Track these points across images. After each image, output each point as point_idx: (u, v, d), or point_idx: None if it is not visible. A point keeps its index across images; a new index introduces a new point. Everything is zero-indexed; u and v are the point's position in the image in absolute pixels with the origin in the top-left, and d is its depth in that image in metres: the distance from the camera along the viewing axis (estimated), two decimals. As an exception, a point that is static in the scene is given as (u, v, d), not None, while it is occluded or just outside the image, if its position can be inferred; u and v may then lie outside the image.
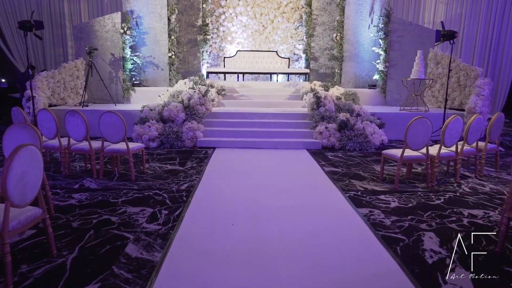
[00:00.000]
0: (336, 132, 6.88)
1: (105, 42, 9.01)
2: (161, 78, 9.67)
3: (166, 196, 4.05)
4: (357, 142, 6.67)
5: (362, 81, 9.80)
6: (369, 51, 9.62)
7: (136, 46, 9.41)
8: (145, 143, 6.73)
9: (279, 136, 7.05)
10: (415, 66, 7.93)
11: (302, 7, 10.38)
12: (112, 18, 8.95)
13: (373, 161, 5.87)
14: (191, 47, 10.05)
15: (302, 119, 7.51)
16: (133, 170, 4.63)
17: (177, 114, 7.06)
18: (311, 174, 5.09)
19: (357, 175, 5.02)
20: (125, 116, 7.80)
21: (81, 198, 3.94)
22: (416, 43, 9.02)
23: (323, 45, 10.07)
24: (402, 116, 7.84)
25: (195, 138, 6.85)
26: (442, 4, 11.49)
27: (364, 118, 7.19)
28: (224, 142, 6.83)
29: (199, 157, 6.02)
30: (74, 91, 8.74)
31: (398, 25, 8.98)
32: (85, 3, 11.52)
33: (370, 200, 3.98)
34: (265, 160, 5.87)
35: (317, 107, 7.44)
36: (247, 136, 7.02)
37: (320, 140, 6.87)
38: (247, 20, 10.53)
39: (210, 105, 7.59)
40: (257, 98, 8.80)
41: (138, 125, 6.95)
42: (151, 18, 9.34)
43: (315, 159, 6.01)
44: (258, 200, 3.97)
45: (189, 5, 9.81)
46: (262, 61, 10.45)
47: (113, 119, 4.39)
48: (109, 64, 9.08)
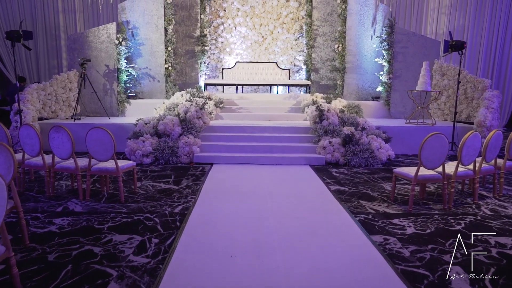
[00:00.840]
0: (340, 147, 6.53)
1: (100, 53, 8.72)
2: (158, 90, 9.36)
3: (157, 221, 3.66)
4: (363, 158, 6.31)
5: (365, 93, 9.51)
6: (371, 62, 9.35)
7: (132, 57, 9.12)
8: (138, 159, 6.36)
9: (280, 151, 6.69)
10: (421, 78, 7.63)
11: (302, 18, 10.16)
12: (107, 28, 8.67)
13: (381, 179, 5.50)
14: (189, 58, 9.77)
15: (304, 133, 7.17)
16: (122, 191, 4.24)
17: (172, 128, 6.71)
18: (316, 194, 4.71)
19: (365, 195, 4.64)
20: (119, 130, 7.50)
21: (63, 224, 3.55)
22: (420, 54, 8.76)
23: (324, 56, 9.81)
24: (408, 129, 7.51)
25: (192, 153, 6.48)
26: (445, 15, 11.30)
27: (369, 132, 6.85)
28: (222, 158, 6.46)
29: (196, 175, 5.64)
30: (66, 103, 8.40)
31: (401, 36, 8.73)
32: (81, 14, 11.28)
33: (383, 225, 3.60)
34: (266, 178, 5.49)
35: (319, 121, 7.11)
36: (247, 151, 6.66)
37: (324, 156, 6.51)
38: (246, 31, 10.29)
39: (207, 119, 7.25)
40: (256, 111, 8.47)
41: (132, 140, 6.59)
42: (147, 28, 9.07)
43: (319, 176, 5.64)
44: (259, 226, 3.58)
45: (187, 16, 9.57)
46: (262, 72, 10.17)
47: (100, 135, 4.03)
48: (103, 76, 8.77)
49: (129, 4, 9.00)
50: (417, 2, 11.36)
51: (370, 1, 9.15)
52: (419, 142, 7.46)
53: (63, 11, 11.29)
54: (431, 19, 11.44)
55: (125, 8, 8.99)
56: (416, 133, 7.47)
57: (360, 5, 9.13)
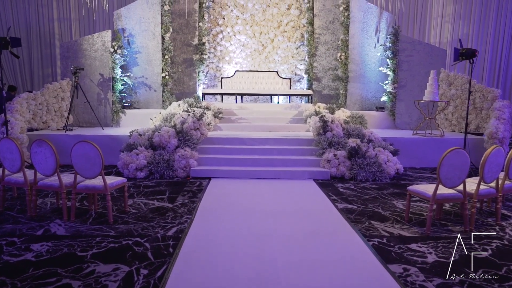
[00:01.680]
0: (345, 160, 6.18)
1: (94, 61, 8.40)
2: (154, 100, 9.03)
3: (148, 247, 3.28)
4: (370, 172, 5.95)
5: (369, 103, 9.19)
6: (375, 71, 9.06)
7: (127, 66, 8.81)
8: (131, 172, 5.98)
9: (282, 164, 6.33)
10: (429, 87, 7.32)
11: (303, 26, 9.90)
12: (102, 36, 8.38)
13: (391, 195, 5.13)
14: (187, 67, 9.47)
15: (307, 145, 6.82)
16: (111, 211, 3.86)
17: (168, 140, 6.35)
18: (322, 213, 4.33)
19: (376, 214, 4.27)
20: (113, 141, 7.14)
21: (41, 251, 3.16)
22: (426, 63, 8.47)
23: (326, 65, 9.52)
24: (416, 141, 7.17)
25: (189, 167, 6.11)
26: (449, 24, 11.08)
27: (376, 144, 6.51)
28: (220, 172, 6.09)
29: (192, 190, 5.26)
30: (58, 114, 8.05)
31: (406, 44, 8.46)
32: (76, 22, 11.02)
33: (401, 252, 3.22)
34: (267, 195, 5.12)
35: (323, 132, 6.76)
36: (247, 165, 6.29)
37: (328, 169, 6.14)
38: (245, 39, 10.02)
39: (205, 130, 6.90)
40: (257, 121, 8.13)
41: (125, 153, 6.22)
42: (144, 36, 8.78)
43: (325, 192, 5.27)
44: (261, 253, 3.20)
45: (185, 24, 9.30)
46: (262, 81, 9.86)
47: (86, 150, 3.66)
48: (97, 85, 8.44)
49: (125, 12, 8.72)
50: (420, 10, 11.15)
51: (374, 9, 8.90)
52: (427, 154, 7.14)
53: (58, 19, 11.03)
54: (434, 27, 11.22)
55: (121, 16, 8.71)
56: (424, 145, 7.13)
57: (363, 12, 8.88)
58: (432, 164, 7.08)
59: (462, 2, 10.92)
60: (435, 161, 7.21)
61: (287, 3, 9.87)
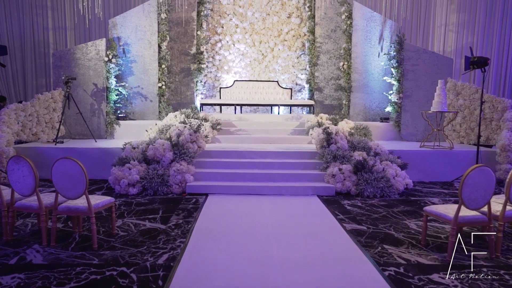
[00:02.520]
0: (351, 174, 5.81)
1: (88, 71, 8.09)
2: (150, 111, 8.69)
3: (134, 279, 2.89)
4: (378, 187, 5.58)
5: (373, 114, 8.87)
6: (379, 81, 8.76)
7: (123, 75, 8.50)
8: (123, 188, 5.60)
9: (284, 179, 5.96)
10: (436, 98, 7.00)
11: (304, 35, 9.64)
12: (96, 45, 8.08)
13: (402, 214, 4.75)
14: (184, 77, 9.16)
15: (310, 159, 6.45)
16: (95, 236, 3.47)
17: (163, 154, 5.98)
18: (330, 236, 3.94)
19: (389, 237, 3.89)
20: (105, 154, 6.76)
21: (11, 285, 2.76)
22: (432, 72, 8.18)
23: (328, 74, 9.22)
24: (424, 154, 6.81)
25: (184, 182, 5.74)
26: (452, 32, 10.84)
27: (383, 158, 6.15)
28: (218, 187, 5.71)
29: (188, 209, 4.88)
30: (49, 125, 7.69)
31: (411, 53, 8.17)
32: (71, 31, 10.76)
33: (422, 285, 2.83)
34: (269, 214, 4.74)
35: (327, 145, 6.41)
36: (246, 180, 5.92)
37: (333, 185, 5.77)
38: (245, 48, 9.74)
39: (203, 142, 6.54)
40: (256, 133, 7.79)
41: (117, 167, 5.84)
42: (139, 45, 8.49)
43: (330, 210, 4.89)
44: (264, 284, 2.81)
45: (183, 32, 9.02)
46: (262, 91, 9.55)
47: (68, 167, 3.30)
48: (91, 95, 8.11)
49: (120, 20, 8.45)
50: (423, 19, 10.92)
51: (377, 17, 8.64)
52: (437, 168, 6.78)
53: (53, 28, 10.76)
54: (438, 36, 10.97)
55: (116, 24, 8.44)
56: (433, 158, 6.77)
57: (366, 21, 8.62)
58: (442, 178, 6.72)
59: (466, 10, 10.70)
60: (445, 175, 6.89)
61: (287, 11, 9.63)
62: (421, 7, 10.91)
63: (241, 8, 9.60)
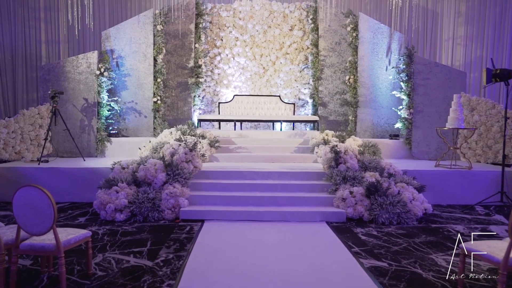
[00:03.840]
0: (364, 198, 5.23)
1: (78, 85, 7.61)
2: (144, 127, 8.18)
3: None
4: (394, 213, 4.99)
5: (381, 130, 8.35)
6: (387, 95, 8.28)
7: (115, 89, 8.02)
8: (109, 214, 5.01)
9: (289, 203, 5.38)
10: (452, 113, 6.50)
11: (307, 48, 9.22)
12: (87, 57, 7.63)
13: (426, 245, 4.15)
14: (181, 91, 8.68)
15: (316, 180, 5.88)
16: (64, 281, 2.87)
17: (155, 175, 5.42)
18: (346, 276, 3.34)
19: (417, 277, 3.28)
20: (93, 175, 6.17)
21: None
22: (444, 87, 7.70)
23: (332, 89, 8.75)
24: (440, 174, 6.25)
25: (178, 207, 5.15)
26: (461, 46, 10.45)
27: (397, 179, 5.58)
28: (216, 213, 5.12)
29: (180, 239, 4.28)
30: (35, 143, 7.16)
31: (422, 66, 7.72)
32: (65, 44, 10.34)
33: None
34: (273, 245, 4.14)
35: (335, 165, 5.85)
36: (247, 204, 5.34)
37: (344, 209, 5.19)
38: (245, 62, 9.31)
39: (199, 162, 5.98)
40: (258, 151, 7.24)
41: (103, 190, 5.27)
42: (134, 58, 8.04)
43: (343, 240, 4.30)
44: None
45: (180, 45, 8.59)
46: (263, 107, 9.06)
47: (34, 197, 2.74)
48: (81, 110, 7.61)
49: (114, 32, 8.03)
50: (430, 32, 10.55)
51: (384, 29, 8.24)
52: (455, 189, 6.20)
53: (46, 41, 10.36)
54: (446, 49, 10.58)
55: (109, 36, 8.01)
56: (450, 179, 6.21)
57: (373, 33, 8.21)
58: (461, 201, 6.14)
59: (474, 23, 10.34)
60: (464, 198, 6.29)
61: (289, 24, 9.24)
62: (427, 20, 10.55)
63: (241, 20, 9.22)
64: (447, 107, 7.64)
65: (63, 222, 4.90)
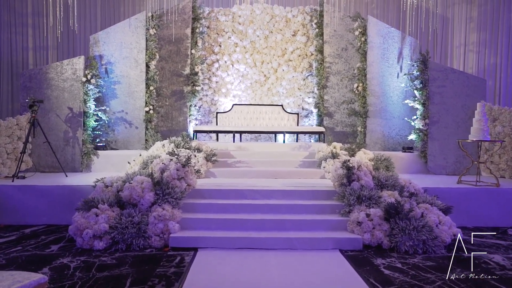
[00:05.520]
0: (382, 221, 4.53)
1: (62, 93, 6.96)
2: (135, 139, 7.50)
3: None
4: (419, 240, 4.28)
5: (392, 142, 7.69)
6: (399, 104, 7.65)
7: (104, 98, 7.37)
8: (87, 242, 4.29)
9: (296, 227, 4.67)
10: (476, 124, 5.85)
11: (311, 54, 8.62)
12: (73, 63, 7.00)
13: (464, 283, 3.43)
14: (176, 100, 8.04)
15: (326, 199, 5.19)
16: None
17: (141, 195, 4.71)
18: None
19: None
20: (73, 194, 5.38)
21: None
22: (462, 95, 7.07)
23: (339, 98, 8.12)
24: (465, 192, 5.56)
25: (167, 232, 4.44)
26: (473, 53, 9.87)
27: (419, 199, 4.89)
28: (211, 240, 4.41)
29: (167, 275, 3.56)
30: (12, 156, 6.46)
31: (438, 73, 7.10)
32: (54, 50, 9.75)
33: None
34: (278, 282, 3.42)
35: (347, 182, 5.15)
36: (247, 228, 4.62)
37: (360, 235, 4.48)
38: (245, 69, 8.69)
39: (193, 179, 5.29)
40: (259, 165, 6.56)
41: (80, 213, 4.55)
42: (124, 64, 7.42)
43: (362, 275, 3.59)
44: None
45: (175, 51, 7.99)
46: (264, 117, 8.41)
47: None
48: (65, 121, 6.94)
49: (103, 36, 7.42)
50: (441, 38, 10.00)
51: (395, 33, 7.66)
52: (482, 210, 5.47)
53: (33, 48, 9.77)
54: (457, 56, 10.00)
55: (98, 40, 7.40)
56: (476, 197, 5.52)
57: (382, 37, 7.62)
58: (489, 222, 5.44)
59: (487, 29, 9.79)
60: (493, 219, 5.55)
61: (292, 29, 8.66)
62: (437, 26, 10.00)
63: (240, 25, 8.64)
64: (466, 117, 7.01)
65: (32, 251, 4.18)
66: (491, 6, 9.66)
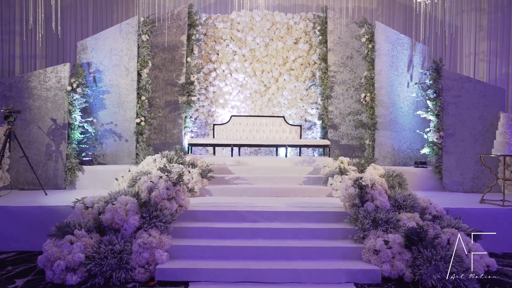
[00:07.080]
0: (403, 250, 3.92)
1: (45, 103, 6.40)
2: (125, 153, 6.91)
3: None
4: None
5: (403, 156, 7.12)
6: (409, 116, 7.12)
7: (91, 108, 6.81)
8: (58, 275, 3.65)
9: (302, 256, 4.05)
10: (500, 137, 5.30)
11: (314, 63, 8.12)
12: (57, 71, 6.47)
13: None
14: (170, 112, 7.49)
15: (335, 222, 4.58)
16: None
17: (125, 218, 4.09)
18: None
19: None
20: (50, 216, 4.76)
21: None
22: (479, 105, 6.54)
23: (344, 109, 7.59)
24: (490, 213, 4.98)
25: (154, 263, 3.81)
26: (483, 62, 9.41)
27: (444, 223, 4.29)
28: (204, 272, 3.78)
29: (150, 321, 2.92)
30: (-13, 172, 5.86)
31: (452, 82, 6.59)
32: (42, 59, 9.23)
33: None
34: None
35: (360, 203, 4.55)
36: (247, 257, 4.00)
37: (378, 266, 3.86)
38: (244, 79, 8.18)
39: (185, 199, 4.68)
40: (259, 182, 5.97)
41: (53, 240, 3.93)
42: (114, 72, 6.89)
43: (386, 320, 2.95)
44: None
45: (169, 59, 7.48)
46: (265, 129, 7.85)
47: None
48: (47, 133, 6.36)
49: (92, 42, 6.91)
50: (450, 47, 9.55)
51: (405, 40, 7.18)
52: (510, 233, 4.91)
53: (20, 56, 9.26)
54: (467, 66, 9.53)
55: (86, 47, 6.88)
56: (504, 220, 4.92)
57: (391, 44, 7.13)
58: (521, 248, 4.82)
59: (497, 38, 9.35)
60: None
61: (294, 36, 8.18)
62: (446, 35, 9.57)
63: (239, 32, 8.16)
64: (483, 129, 6.48)
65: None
66: (502, 14, 9.24)
